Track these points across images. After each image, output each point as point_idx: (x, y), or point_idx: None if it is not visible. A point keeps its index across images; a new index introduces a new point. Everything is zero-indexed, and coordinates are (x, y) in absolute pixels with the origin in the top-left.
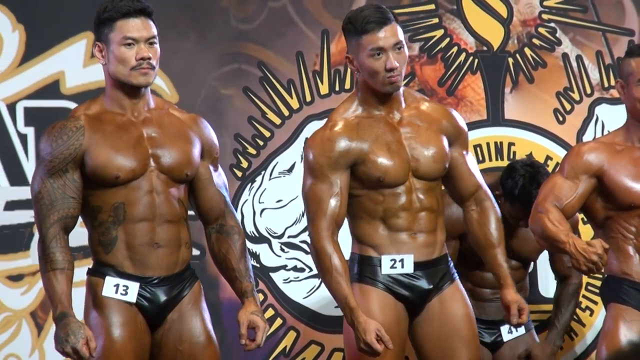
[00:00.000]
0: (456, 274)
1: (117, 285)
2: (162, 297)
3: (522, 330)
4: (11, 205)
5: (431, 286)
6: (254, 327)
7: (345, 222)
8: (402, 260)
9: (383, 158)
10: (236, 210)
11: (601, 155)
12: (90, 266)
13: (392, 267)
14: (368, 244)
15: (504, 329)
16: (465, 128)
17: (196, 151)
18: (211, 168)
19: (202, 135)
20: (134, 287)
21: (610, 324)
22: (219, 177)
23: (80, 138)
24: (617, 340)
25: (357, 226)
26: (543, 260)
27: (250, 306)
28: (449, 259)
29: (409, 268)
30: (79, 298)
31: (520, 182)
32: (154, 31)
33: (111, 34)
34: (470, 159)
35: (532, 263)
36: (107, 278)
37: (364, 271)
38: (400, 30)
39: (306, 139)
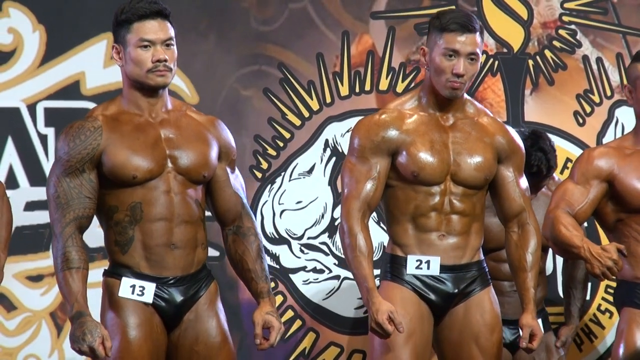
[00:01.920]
0: (490, 280)
1: (133, 286)
2: (179, 298)
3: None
4: (31, 206)
5: (456, 290)
6: (269, 327)
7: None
8: (428, 262)
9: (423, 153)
10: (256, 211)
11: (611, 159)
12: (107, 267)
13: (418, 267)
14: (397, 243)
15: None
16: (522, 150)
17: (213, 153)
18: (228, 170)
19: (219, 137)
20: (150, 288)
21: (625, 327)
22: (236, 179)
23: (98, 138)
24: (633, 344)
25: (390, 224)
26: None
27: (266, 306)
28: (484, 265)
29: (435, 270)
30: (96, 299)
31: (530, 140)
32: (171, 33)
33: (128, 36)
34: (522, 181)
35: (547, 252)
36: (124, 279)
37: (391, 270)
38: (481, 44)
39: (357, 122)
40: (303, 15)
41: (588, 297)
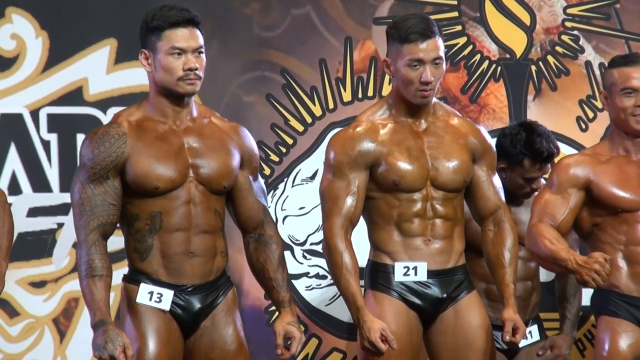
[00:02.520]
0: (474, 284)
1: (151, 293)
2: (197, 305)
3: (537, 336)
4: (34, 212)
5: (444, 295)
6: (289, 337)
7: (364, 228)
8: (415, 268)
9: (402, 162)
10: None
11: (587, 167)
12: (126, 272)
13: (406, 274)
14: (383, 250)
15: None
16: (493, 148)
17: (235, 162)
18: (250, 178)
19: (242, 145)
20: (168, 295)
21: (604, 336)
22: (259, 187)
23: (123, 146)
24: (617, 353)
25: (373, 232)
26: None
27: (287, 316)
28: (467, 269)
29: (422, 276)
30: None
31: (522, 139)
32: (201, 41)
33: (159, 43)
34: (495, 179)
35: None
36: (142, 285)
37: (378, 278)
38: (442, 45)
39: (331, 137)
40: (306, 21)
41: (589, 303)
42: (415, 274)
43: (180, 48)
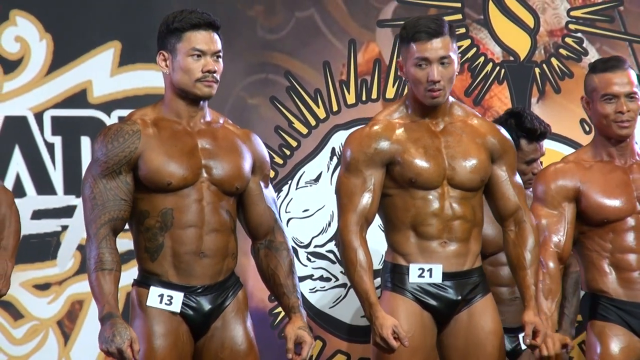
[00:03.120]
0: (489, 287)
1: (161, 295)
2: (207, 306)
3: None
4: (38, 215)
5: (459, 297)
6: (300, 342)
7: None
8: (430, 270)
9: (418, 159)
10: None
11: (574, 176)
12: (136, 276)
13: (420, 276)
14: (399, 252)
15: (521, 337)
16: (514, 148)
17: (247, 166)
18: (262, 184)
19: (254, 151)
20: (178, 297)
21: (595, 340)
22: (269, 194)
23: (136, 142)
24: (608, 355)
25: (389, 233)
26: None
27: (297, 321)
28: (483, 272)
29: (437, 278)
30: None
31: (513, 121)
32: (220, 46)
33: (179, 44)
34: (515, 179)
35: None
36: (152, 288)
37: (393, 279)
38: (452, 46)
39: (348, 135)
40: (310, 24)
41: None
42: (430, 276)
43: (200, 50)
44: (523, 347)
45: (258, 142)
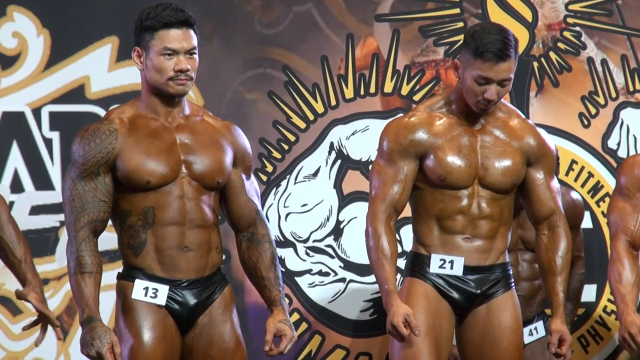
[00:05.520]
0: (513, 284)
1: (146, 288)
2: (192, 300)
3: (542, 332)
4: (36, 210)
5: (478, 291)
6: (281, 335)
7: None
8: (452, 262)
9: (451, 157)
10: None
11: None
12: (120, 270)
13: (441, 266)
14: (421, 242)
15: (525, 331)
16: (553, 152)
17: (228, 159)
18: (243, 176)
19: (235, 143)
20: (163, 290)
21: None
22: (251, 186)
23: (113, 142)
24: None
25: (416, 222)
26: None
27: (279, 315)
28: (508, 267)
29: (458, 270)
30: (105, 302)
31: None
32: (194, 42)
33: (151, 42)
34: (552, 183)
35: None
36: (137, 281)
37: (415, 267)
38: (514, 66)
39: (386, 124)
40: (307, 18)
41: (594, 299)
42: (451, 268)
43: (172, 49)
44: (525, 341)
45: (239, 133)
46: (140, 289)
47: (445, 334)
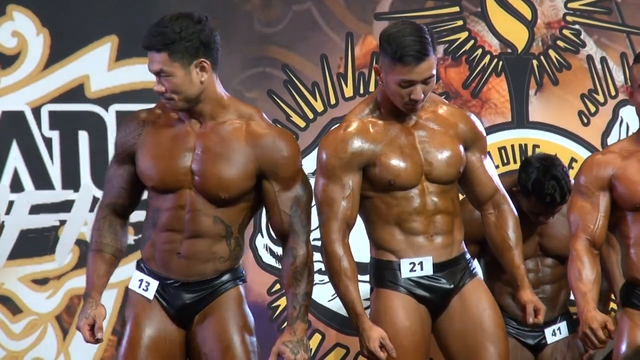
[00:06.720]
0: (477, 270)
1: (141, 280)
2: (182, 300)
3: (565, 332)
4: (36, 209)
5: (452, 286)
6: (283, 356)
7: (361, 225)
8: (421, 263)
9: (395, 161)
10: (260, 213)
11: (609, 165)
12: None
13: (412, 270)
14: (386, 249)
15: (548, 331)
16: (484, 132)
17: (241, 173)
18: (276, 188)
19: (261, 155)
20: (153, 285)
21: (624, 327)
22: (288, 197)
23: (136, 137)
24: (633, 344)
25: (373, 231)
26: None
27: (285, 335)
28: (468, 256)
29: (429, 270)
30: (105, 300)
31: (533, 175)
32: (162, 65)
33: None
34: (488, 163)
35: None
36: (135, 272)
37: (384, 276)
38: (435, 62)
39: (321, 138)
40: (307, 17)
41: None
42: (422, 269)
43: (151, 72)
44: (549, 341)
45: (268, 145)
46: (136, 280)
47: (428, 342)
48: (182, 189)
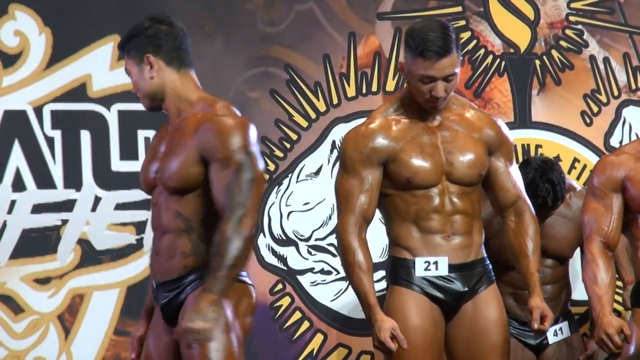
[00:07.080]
0: (494, 277)
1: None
2: (161, 300)
3: (567, 333)
4: (38, 209)
5: (466, 289)
6: None
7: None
8: (436, 263)
9: (415, 159)
10: (263, 213)
11: (622, 166)
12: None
13: (427, 269)
14: (402, 246)
15: (550, 331)
16: (510, 139)
17: (184, 162)
18: (213, 171)
19: (200, 140)
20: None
21: (633, 327)
22: (220, 181)
23: (154, 140)
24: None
25: (391, 228)
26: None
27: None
28: (487, 262)
29: (444, 270)
30: (106, 300)
31: (530, 176)
32: (125, 64)
33: None
34: (514, 169)
35: (568, 260)
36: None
37: (399, 273)
38: (458, 60)
39: (345, 133)
40: (309, 17)
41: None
42: (437, 269)
43: None
44: (550, 341)
45: (206, 128)
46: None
47: (440, 343)
48: (155, 187)
